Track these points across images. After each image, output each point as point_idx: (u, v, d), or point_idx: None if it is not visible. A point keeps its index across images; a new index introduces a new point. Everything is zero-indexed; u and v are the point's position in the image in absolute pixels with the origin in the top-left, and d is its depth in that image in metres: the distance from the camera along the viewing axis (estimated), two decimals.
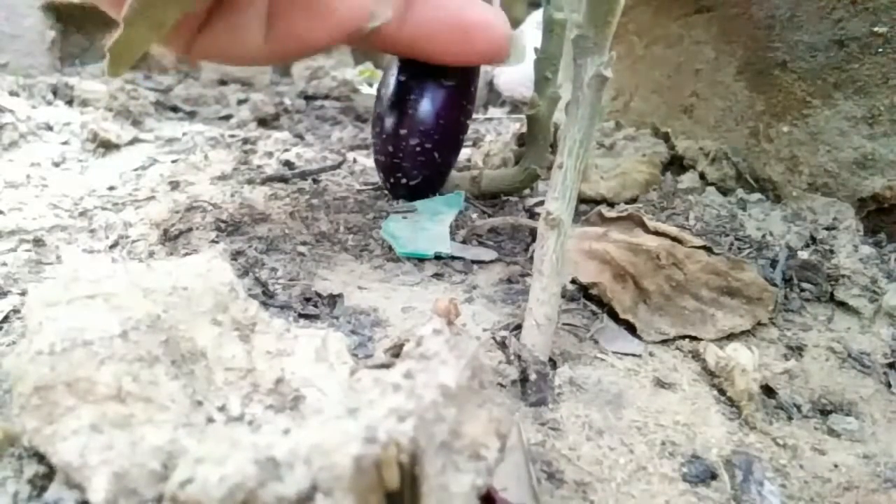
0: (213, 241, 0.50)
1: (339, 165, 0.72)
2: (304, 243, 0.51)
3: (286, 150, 0.76)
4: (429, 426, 0.20)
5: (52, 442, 0.23)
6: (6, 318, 0.38)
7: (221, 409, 0.26)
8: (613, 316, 0.43)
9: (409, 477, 0.19)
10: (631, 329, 0.42)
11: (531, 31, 1.18)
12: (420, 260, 0.50)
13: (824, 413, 0.37)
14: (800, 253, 0.52)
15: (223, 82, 1.20)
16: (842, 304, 0.46)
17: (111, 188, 0.61)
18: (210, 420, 0.25)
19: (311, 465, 0.19)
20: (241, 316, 0.29)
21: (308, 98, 1.13)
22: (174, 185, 0.62)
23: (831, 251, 0.52)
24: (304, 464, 0.19)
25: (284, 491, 0.18)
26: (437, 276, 0.48)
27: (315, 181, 0.67)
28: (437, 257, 0.50)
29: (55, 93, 0.90)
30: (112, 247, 0.49)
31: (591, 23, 0.33)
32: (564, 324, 0.42)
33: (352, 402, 0.21)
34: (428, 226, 0.54)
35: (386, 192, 0.63)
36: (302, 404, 0.27)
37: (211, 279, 0.30)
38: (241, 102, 1.06)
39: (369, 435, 0.19)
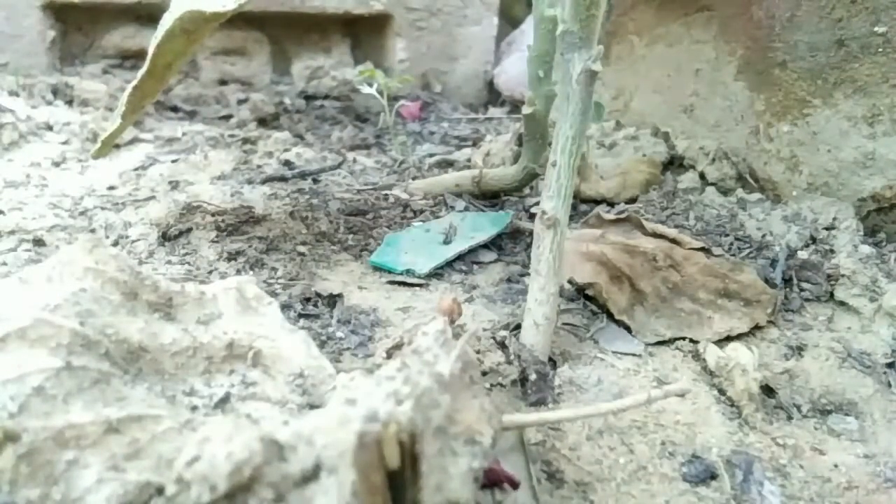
0: (213, 241, 0.50)
1: (339, 165, 0.72)
2: (304, 243, 0.51)
3: (286, 150, 0.76)
4: (425, 410, 0.20)
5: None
6: None
7: (190, 392, 0.25)
8: (610, 316, 0.43)
9: (410, 456, 0.20)
10: (628, 329, 0.42)
11: (531, 30, 1.17)
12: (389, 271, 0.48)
13: (824, 413, 0.37)
14: (800, 253, 0.52)
15: (223, 82, 1.19)
16: (842, 304, 0.46)
17: (111, 188, 0.61)
18: (194, 408, 0.25)
19: (315, 445, 0.19)
20: (153, 297, 0.27)
21: (308, 98, 1.12)
22: (174, 185, 0.62)
23: (831, 251, 0.52)
24: (307, 444, 0.19)
25: (289, 469, 0.19)
26: (437, 275, 0.48)
27: (315, 181, 0.67)
28: (408, 272, 0.48)
29: (55, 93, 0.90)
30: (112, 247, 0.49)
31: (574, 17, 0.33)
32: (564, 324, 0.42)
33: (349, 395, 0.21)
34: (438, 243, 0.52)
35: (388, 193, 0.63)
36: (262, 357, 0.27)
37: (107, 269, 0.27)
38: (241, 102, 1.05)
39: (370, 413, 0.19)
